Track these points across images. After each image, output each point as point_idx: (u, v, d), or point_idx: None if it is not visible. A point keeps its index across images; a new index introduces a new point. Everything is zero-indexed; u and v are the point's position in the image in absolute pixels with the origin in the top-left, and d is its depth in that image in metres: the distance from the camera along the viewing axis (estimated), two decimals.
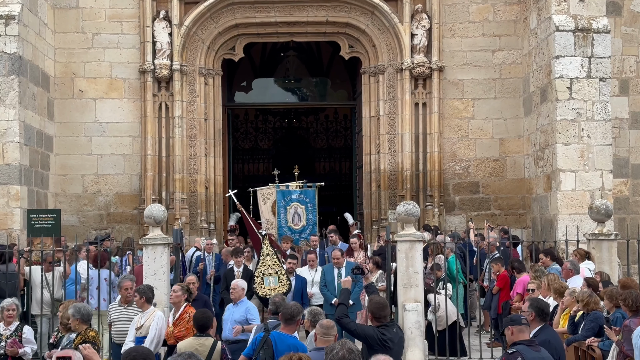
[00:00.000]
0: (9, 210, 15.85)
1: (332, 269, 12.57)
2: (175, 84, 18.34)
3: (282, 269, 12.30)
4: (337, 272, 12.49)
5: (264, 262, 12.41)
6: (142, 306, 10.01)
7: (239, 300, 10.78)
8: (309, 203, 16.12)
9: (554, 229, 15.84)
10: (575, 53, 16.31)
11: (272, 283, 12.04)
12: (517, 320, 6.90)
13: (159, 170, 18.38)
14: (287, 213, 16.15)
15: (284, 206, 16.11)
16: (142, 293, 10.04)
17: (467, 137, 18.62)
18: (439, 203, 18.33)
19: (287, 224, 16.03)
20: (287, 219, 16.08)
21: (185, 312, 10.06)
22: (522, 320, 6.93)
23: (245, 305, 10.78)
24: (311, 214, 16.06)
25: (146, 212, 12.06)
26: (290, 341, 7.64)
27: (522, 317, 7.06)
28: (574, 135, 16.25)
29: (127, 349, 6.16)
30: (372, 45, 18.96)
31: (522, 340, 6.75)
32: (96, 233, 17.43)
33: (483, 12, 18.62)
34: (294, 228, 16.07)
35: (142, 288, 10.20)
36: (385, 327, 7.65)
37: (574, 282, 11.01)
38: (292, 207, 16.12)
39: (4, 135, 15.86)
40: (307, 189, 16.29)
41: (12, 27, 15.93)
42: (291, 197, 16.16)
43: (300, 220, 16.09)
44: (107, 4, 18.45)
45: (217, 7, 18.58)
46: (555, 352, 7.29)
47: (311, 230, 15.93)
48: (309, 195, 16.18)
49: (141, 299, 9.99)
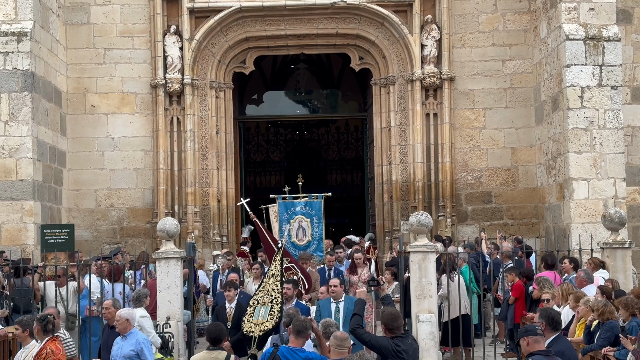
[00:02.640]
0: (22, 226, 15.92)
1: (329, 303, 10.72)
2: (187, 97, 18.41)
3: (280, 296, 10.47)
4: (334, 306, 10.62)
5: (265, 285, 10.54)
6: (24, 340, 8.93)
7: (127, 332, 9.26)
8: (315, 216, 14.58)
9: (567, 238, 15.76)
10: (586, 61, 16.29)
11: (262, 316, 10.18)
12: (533, 331, 6.85)
13: (171, 184, 18.43)
14: (290, 227, 14.58)
15: (287, 219, 14.56)
16: (24, 325, 8.88)
17: (478, 147, 18.60)
18: (452, 213, 18.30)
19: (290, 239, 14.33)
20: (290, 234, 14.44)
21: (44, 348, 8.64)
22: (538, 330, 6.88)
23: (134, 337, 9.25)
24: (317, 228, 14.52)
25: (159, 226, 12.11)
26: (301, 355, 7.62)
27: (537, 327, 7.03)
28: (586, 144, 16.20)
29: None
30: (383, 57, 18.99)
31: (538, 350, 6.72)
32: (109, 247, 17.48)
33: (493, 22, 18.63)
34: (298, 244, 14.48)
35: (25, 320, 9.00)
36: (400, 338, 7.63)
37: (587, 291, 10.96)
38: (295, 220, 14.52)
39: (18, 151, 15.95)
40: (313, 201, 14.69)
41: (24, 43, 16.05)
42: (295, 210, 14.61)
43: (305, 235, 14.49)
44: (118, 20, 18.58)
45: (227, 21, 18.66)
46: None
47: (316, 246, 14.49)
48: (315, 207, 14.65)
49: (24, 332, 8.90)
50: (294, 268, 12.30)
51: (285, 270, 11.74)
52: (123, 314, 9.34)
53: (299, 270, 12.03)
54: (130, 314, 9.40)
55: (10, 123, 15.96)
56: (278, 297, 10.29)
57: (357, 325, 7.97)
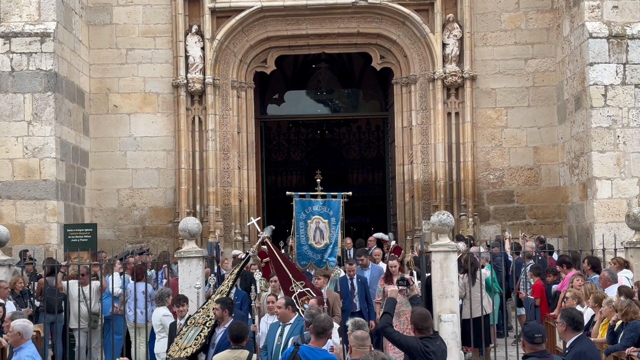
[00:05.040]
0: (46, 225, 16.05)
1: (277, 326, 9.61)
2: (208, 97, 18.48)
3: (212, 321, 9.43)
4: (280, 329, 9.49)
5: (210, 304, 9.72)
6: None
7: (19, 346, 8.10)
8: (332, 217, 13.19)
9: (590, 238, 15.66)
10: (609, 60, 16.15)
11: (188, 339, 9.23)
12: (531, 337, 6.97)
13: (193, 183, 18.50)
14: (307, 228, 13.21)
15: (304, 220, 13.21)
16: None
17: (500, 146, 18.51)
18: (473, 213, 18.23)
19: (307, 241, 13.04)
20: (307, 236, 13.11)
21: None
22: (536, 338, 6.95)
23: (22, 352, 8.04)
24: (334, 231, 13.17)
25: (181, 226, 12.16)
26: (321, 356, 7.60)
27: (537, 334, 7.02)
28: (609, 143, 16.07)
29: None
30: (404, 56, 18.94)
31: (533, 352, 6.89)
32: (132, 247, 17.59)
33: (515, 21, 18.53)
34: (316, 247, 13.11)
35: None
36: (429, 339, 7.59)
37: (611, 291, 10.87)
38: (313, 220, 13.16)
39: (41, 151, 16.08)
40: (331, 200, 13.36)
41: (47, 44, 16.17)
42: (312, 209, 13.27)
43: (322, 237, 13.06)
44: (140, 20, 18.67)
45: (248, 21, 18.70)
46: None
47: (332, 250, 13.17)
48: (333, 207, 13.27)
49: None
50: (309, 293, 10.96)
51: (299, 296, 10.79)
52: (15, 326, 8.14)
53: (315, 294, 10.82)
54: (24, 327, 8.13)
55: (33, 123, 16.10)
56: (211, 321, 9.39)
57: (387, 324, 7.93)
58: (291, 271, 11.19)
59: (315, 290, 11.02)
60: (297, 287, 10.88)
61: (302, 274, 11.39)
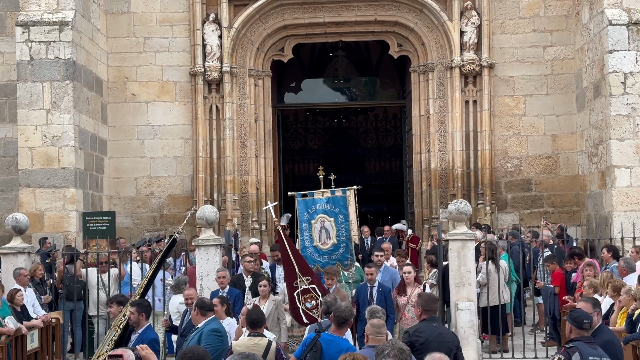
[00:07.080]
0: (65, 213, 16.16)
1: None
2: (226, 86, 18.50)
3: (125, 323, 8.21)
4: None
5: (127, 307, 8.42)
6: None
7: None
8: (339, 214, 12.23)
9: (609, 226, 15.58)
10: (629, 47, 16.02)
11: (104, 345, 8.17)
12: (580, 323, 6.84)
13: (210, 171, 18.56)
14: (312, 229, 12.25)
15: (307, 220, 12.26)
16: None
17: (518, 134, 18.44)
18: (491, 201, 18.18)
19: (312, 243, 12.15)
20: (312, 237, 12.19)
21: None
22: (584, 324, 6.85)
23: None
24: (343, 228, 12.15)
25: (198, 214, 12.21)
26: (342, 344, 7.60)
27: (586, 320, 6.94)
28: (628, 131, 15.96)
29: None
30: (421, 44, 18.87)
31: (579, 337, 6.73)
32: (150, 235, 17.67)
33: (533, 8, 18.41)
34: (322, 248, 12.18)
35: None
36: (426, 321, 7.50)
37: (628, 280, 10.82)
38: (317, 220, 12.21)
39: (60, 139, 16.17)
40: (335, 196, 12.34)
41: (66, 33, 16.24)
42: (316, 208, 12.29)
43: (329, 237, 12.12)
44: (158, 9, 18.70)
45: (266, 9, 18.69)
46: (619, 352, 7.25)
47: (344, 250, 12.16)
48: (338, 203, 12.28)
49: None
50: (314, 291, 10.37)
51: (302, 292, 10.31)
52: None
53: (321, 294, 10.23)
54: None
55: (52, 112, 16.19)
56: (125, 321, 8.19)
57: None
58: (299, 265, 10.55)
59: (322, 289, 10.43)
60: (302, 282, 10.32)
61: (311, 270, 10.79)
